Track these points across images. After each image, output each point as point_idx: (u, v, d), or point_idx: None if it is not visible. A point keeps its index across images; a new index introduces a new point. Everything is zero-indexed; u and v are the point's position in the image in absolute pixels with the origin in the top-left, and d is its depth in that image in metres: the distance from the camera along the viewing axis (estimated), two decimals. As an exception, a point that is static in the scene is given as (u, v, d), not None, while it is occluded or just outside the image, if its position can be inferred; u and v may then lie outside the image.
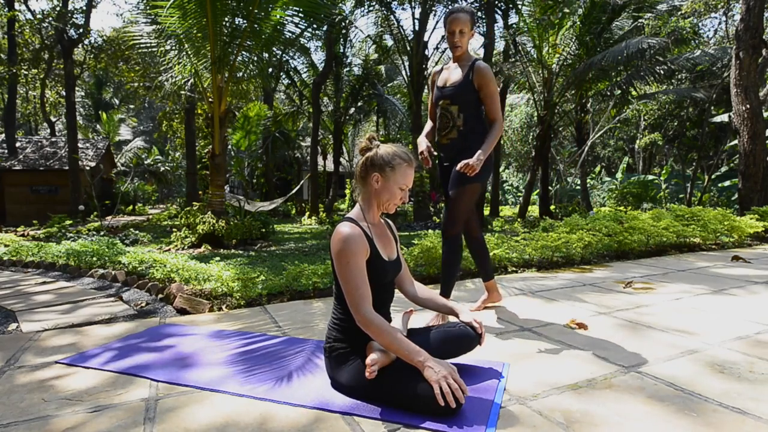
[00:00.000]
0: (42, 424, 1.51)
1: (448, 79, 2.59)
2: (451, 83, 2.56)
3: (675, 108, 13.88)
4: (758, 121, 7.45)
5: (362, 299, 1.57)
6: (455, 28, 2.46)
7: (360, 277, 1.58)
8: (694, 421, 1.44)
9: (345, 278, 1.59)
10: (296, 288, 3.33)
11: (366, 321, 1.55)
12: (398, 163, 1.69)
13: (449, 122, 2.55)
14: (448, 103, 2.55)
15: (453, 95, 2.55)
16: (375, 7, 12.74)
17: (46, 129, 24.81)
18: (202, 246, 6.59)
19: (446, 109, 2.55)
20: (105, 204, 16.03)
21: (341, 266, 1.60)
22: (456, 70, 2.57)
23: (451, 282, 2.57)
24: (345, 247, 1.58)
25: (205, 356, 2.07)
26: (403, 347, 1.51)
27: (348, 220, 1.68)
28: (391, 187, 1.70)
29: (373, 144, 1.72)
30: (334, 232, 1.64)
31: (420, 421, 1.44)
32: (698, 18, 16.08)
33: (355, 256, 1.59)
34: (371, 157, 1.69)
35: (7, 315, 3.00)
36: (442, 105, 2.56)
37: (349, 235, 1.59)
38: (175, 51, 7.01)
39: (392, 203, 1.73)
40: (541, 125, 10.96)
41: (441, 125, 2.58)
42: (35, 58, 15.62)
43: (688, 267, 4.15)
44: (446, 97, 2.55)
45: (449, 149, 2.59)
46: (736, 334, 2.24)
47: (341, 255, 1.59)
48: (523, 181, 24.10)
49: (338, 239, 1.61)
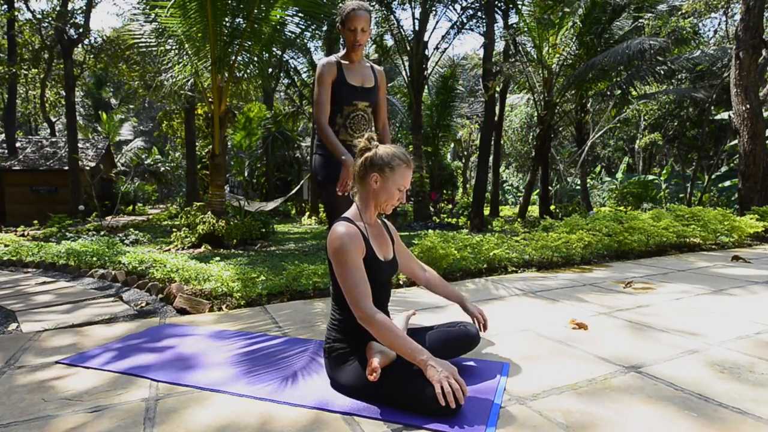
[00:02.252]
0: (42, 424, 1.50)
1: (364, 80, 2.47)
2: (369, 85, 2.48)
3: (675, 108, 13.87)
4: (758, 121, 7.44)
5: (362, 296, 1.56)
6: (358, 25, 2.36)
7: (358, 274, 1.59)
8: (694, 421, 1.44)
9: (343, 276, 1.59)
10: (296, 288, 3.33)
11: (367, 317, 1.54)
12: (397, 164, 1.69)
13: (366, 126, 2.48)
14: (367, 105, 2.48)
15: (373, 99, 2.49)
16: (375, 7, 12.73)
17: (46, 129, 24.81)
18: (202, 246, 6.59)
19: (365, 112, 2.48)
20: (105, 204, 16.05)
21: (339, 265, 1.60)
22: (366, 71, 2.49)
23: None
24: (341, 245, 1.59)
25: (205, 357, 2.07)
26: (405, 345, 1.50)
27: (344, 219, 1.69)
28: (390, 188, 1.70)
29: (372, 144, 1.72)
30: (331, 231, 1.65)
31: (420, 421, 1.44)
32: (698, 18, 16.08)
33: (352, 254, 1.59)
34: (370, 157, 1.69)
35: (7, 315, 3.00)
36: (360, 107, 2.46)
37: (345, 234, 1.60)
38: (175, 51, 7.01)
39: (390, 204, 1.73)
40: (541, 125, 10.95)
41: (357, 128, 2.46)
42: (35, 58, 15.62)
43: (688, 267, 4.15)
44: (368, 100, 2.48)
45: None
46: (736, 334, 2.24)
47: (338, 254, 1.60)
48: (523, 181, 24.09)
49: (334, 238, 1.61)
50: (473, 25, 13.01)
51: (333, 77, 2.42)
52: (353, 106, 2.44)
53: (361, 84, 2.46)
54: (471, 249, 4.11)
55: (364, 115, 2.47)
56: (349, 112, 2.44)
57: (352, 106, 2.44)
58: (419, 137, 12.87)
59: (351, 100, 2.43)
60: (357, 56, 2.47)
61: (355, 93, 2.44)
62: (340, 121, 2.44)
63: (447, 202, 17.55)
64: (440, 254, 3.69)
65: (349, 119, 2.44)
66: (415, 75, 12.51)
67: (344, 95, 2.42)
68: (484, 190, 9.70)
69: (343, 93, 2.42)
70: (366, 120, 2.48)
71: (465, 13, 12.65)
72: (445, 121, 15.97)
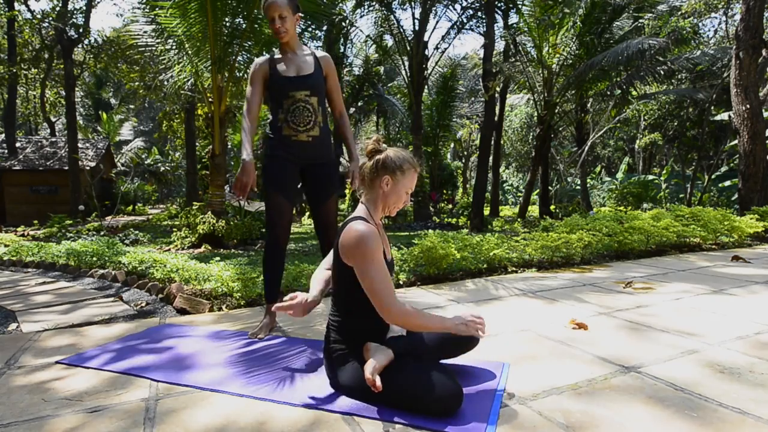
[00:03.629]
0: (41, 424, 1.50)
1: (300, 69, 2.36)
2: (306, 72, 2.36)
3: (675, 108, 13.87)
4: (758, 121, 7.44)
5: (391, 294, 1.56)
6: (273, 14, 2.30)
7: (383, 271, 1.56)
8: (694, 421, 1.44)
9: (370, 274, 1.55)
10: (296, 288, 3.32)
11: (401, 312, 1.54)
12: (408, 167, 1.69)
13: (311, 116, 2.36)
14: (308, 94, 2.34)
15: (314, 86, 2.36)
16: (375, 7, 12.74)
17: (46, 129, 24.80)
18: (202, 246, 6.59)
19: (307, 102, 2.34)
20: (105, 204, 16.04)
21: (365, 262, 1.55)
22: (303, 58, 2.39)
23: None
24: (368, 243, 1.55)
25: (205, 357, 2.07)
26: (435, 322, 1.61)
27: (360, 219, 1.65)
28: (400, 191, 1.70)
29: (382, 146, 1.71)
30: (346, 230, 1.60)
31: (420, 421, 1.44)
32: (698, 18, 16.07)
33: (377, 252, 1.56)
34: (383, 160, 1.68)
35: (7, 315, 3.00)
36: (299, 97, 2.33)
37: (369, 232, 1.56)
38: (176, 51, 7.01)
39: (397, 207, 1.73)
40: (541, 125, 10.96)
41: (300, 120, 2.34)
42: (35, 58, 15.62)
43: (688, 267, 4.15)
44: (307, 88, 2.34)
45: (312, 148, 2.39)
46: (736, 334, 2.24)
47: (364, 251, 1.55)
48: (523, 181, 24.10)
49: (356, 236, 1.56)
50: (473, 25, 13.03)
51: (264, 74, 2.36)
52: (291, 98, 2.34)
53: (297, 73, 2.36)
54: (471, 249, 4.11)
55: (306, 105, 2.34)
56: (288, 106, 2.34)
57: (289, 99, 2.34)
58: (419, 137, 12.88)
59: (287, 92, 2.34)
60: (289, 46, 2.38)
61: (289, 84, 2.34)
62: (282, 117, 2.35)
63: (447, 202, 17.54)
64: (440, 254, 3.69)
65: (290, 113, 2.34)
66: (415, 75, 12.52)
67: (280, 89, 2.34)
68: (484, 190, 9.70)
69: (278, 87, 2.35)
70: (310, 110, 2.35)
71: (465, 13, 12.67)
72: (445, 121, 15.97)
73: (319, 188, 2.46)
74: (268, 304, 2.46)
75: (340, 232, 1.63)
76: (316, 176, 2.46)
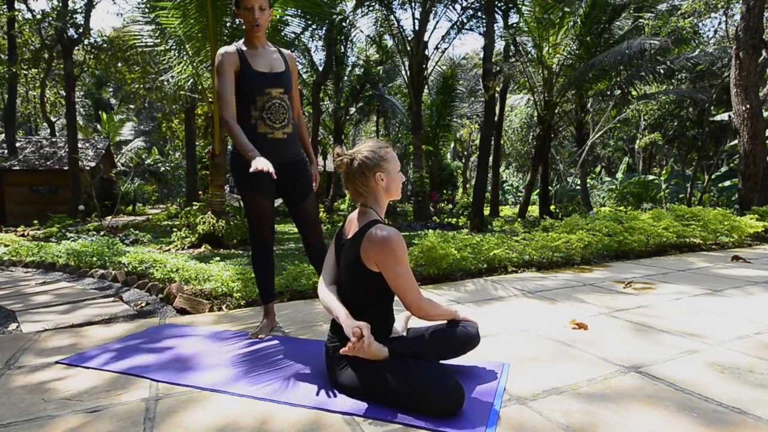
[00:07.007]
0: (42, 424, 1.50)
1: (272, 66, 2.28)
2: (279, 70, 2.29)
3: (675, 108, 13.87)
4: (758, 121, 7.44)
5: (419, 290, 1.65)
6: (254, 3, 2.15)
7: (410, 271, 1.63)
8: (694, 421, 1.44)
9: (402, 275, 1.59)
10: (297, 288, 3.32)
11: (427, 306, 1.67)
12: (385, 152, 1.70)
13: (286, 114, 2.29)
14: (282, 92, 2.28)
15: (287, 84, 2.29)
16: (375, 7, 12.74)
17: (46, 129, 24.81)
18: (202, 246, 6.59)
19: (282, 99, 2.27)
20: (105, 204, 16.03)
21: (397, 265, 1.58)
22: (273, 56, 2.31)
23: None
24: (399, 245, 1.57)
25: (205, 357, 2.07)
26: (443, 310, 1.76)
27: (376, 222, 1.65)
28: (394, 176, 1.73)
29: (346, 153, 1.70)
30: (370, 237, 1.58)
31: (421, 421, 1.44)
32: (698, 18, 16.07)
33: (405, 253, 1.61)
34: (362, 161, 1.66)
35: (7, 315, 3.00)
36: (275, 94, 2.25)
37: (396, 234, 1.59)
38: (176, 51, 7.01)
39: (399, 188, 1.76)
40: (541, 125, 10.95)
41: (276, 117, 2.26)
42: (35, 58, 15.61)
43: (688, 267, 4.15)
44: (281, 86, 2.28)
45: (287, 145, 2.32)
46: (736, 335, 2.24)
47: (396, 255, 1.57)
48: (523, 181, 24.09)
49: (388, 237, 1.56)
50: (473, 25, 13.03)
51: (235, 66, 2.21)
52: (266, 95, 2.24)
53: (270, 70, 2.27)
54: (471, 249, 4.11)
55: (281, 102, 2.27)
56: (263, 102, 2.24)
57: (265, 95, 2.24)
58: (419, 137, 12.88)
59: (262, 89, 2.23)
60: (260, 41, 2.29)
61: (264, 80, 2.24)
62: (256, 114, 2.24)
63: (447, 202, 17.54)
64: (440, 254, 3.69)
65: (265, 110, 2.24)
66: (415, 75, 12.52)
67: (254, 84, 2.22)
68: (484, 190, 9.70)
69: (252, 82, 2.22)
70: (285, 108, 2.29)
71: (465, 13, 12.67)
72: (445, 121, 15.98)
73: (298, 186, 2.38)
74: (266, 305, 2.46)
75: (360, 239, 1.61)
76: (292, 174, 2.36)
